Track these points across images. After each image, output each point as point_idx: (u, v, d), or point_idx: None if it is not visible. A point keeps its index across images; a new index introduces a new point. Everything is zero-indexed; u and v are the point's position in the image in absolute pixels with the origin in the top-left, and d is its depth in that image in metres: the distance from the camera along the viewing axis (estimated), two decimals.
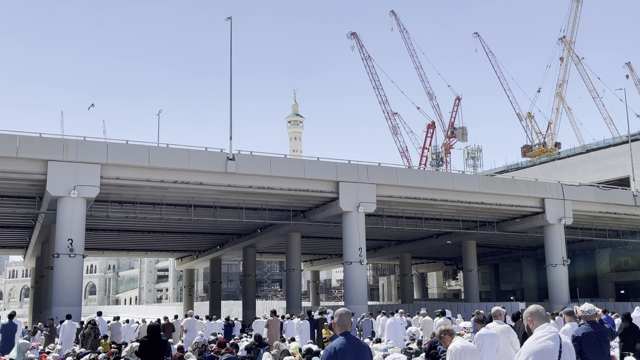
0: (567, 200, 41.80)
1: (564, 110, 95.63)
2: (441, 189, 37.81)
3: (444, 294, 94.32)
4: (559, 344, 5.96)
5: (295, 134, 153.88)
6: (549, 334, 6.03)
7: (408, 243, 60.27)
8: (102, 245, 57.76)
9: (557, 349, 5.93)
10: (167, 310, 70.34)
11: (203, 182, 31.65)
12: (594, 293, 63.02)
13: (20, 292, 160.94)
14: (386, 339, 22.28)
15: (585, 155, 66.54)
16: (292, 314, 30.95)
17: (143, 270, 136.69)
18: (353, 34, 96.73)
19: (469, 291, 55.70)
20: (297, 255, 46.68)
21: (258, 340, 17.14)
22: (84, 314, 30.03)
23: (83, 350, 17.13)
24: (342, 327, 6.56)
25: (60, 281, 28.23)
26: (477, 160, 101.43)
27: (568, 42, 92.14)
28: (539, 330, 6.10)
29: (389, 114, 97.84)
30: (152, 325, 11.77)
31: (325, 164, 35.09)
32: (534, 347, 6.00)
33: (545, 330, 6.06)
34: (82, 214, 28.90)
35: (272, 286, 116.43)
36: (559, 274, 41.72)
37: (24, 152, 27.77)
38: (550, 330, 6.07)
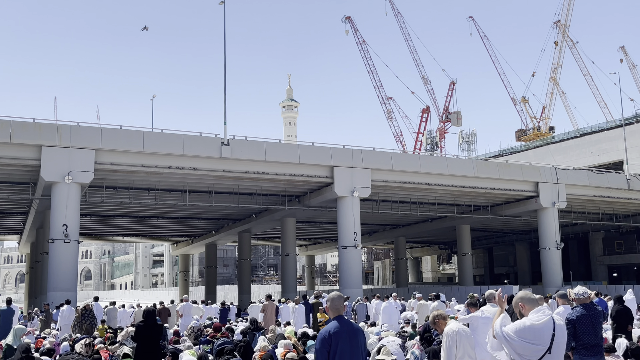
0: (561, 184, 41.95)
1: (558, 94, 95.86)
2: (436, 173, 37.89)
3: (439, 278, 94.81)
4: (553, 327, 6.03)
5: (290, 119, 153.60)
6: (544, 316, 6.09)
7: (403, 227, 60.45)
8: (97, 230, 57.75)
9: (551, 332, 6.00)
10: (163, 295, 70.48)
11: (197, 168, 31.62)
12: (587, 276, 63.48)
13: (15, 278, 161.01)
14: (381, 322, 22.43)
15: (579, 139, 66.76)
16: (287, 298, 31.10)
17: (138, 255, 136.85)
18: (347, 18, 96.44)
19: (463, 275, 56.01)
20: (292, 240, 46.77)
21: (253, 325, 17.23)
22: (80, 299, 29.99)
23: (79, 335, 17.20)
24: (335, 311, 6.62)
25: (55, 267, 28.27)
26: (472, 145, 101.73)
27: (562, 26, 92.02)
28: (534, 313, 6.16)
29: (384, 98, 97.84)
30: (148, 310, 11.84)
31: (320, 148, 35.09)
32: (527, 325, 6.06)
33: (540, 314, 6.12)
34: (76, 199, 28.86)
35: (268, 271, 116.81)
36: (553, 258, 41.98)
37: (17, 138, 27.66)
38: (545, 313, 6.13)
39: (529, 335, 6.00)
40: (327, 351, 6.31)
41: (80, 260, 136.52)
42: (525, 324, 6.10)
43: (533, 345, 5.97)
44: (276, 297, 38.28)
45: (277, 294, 47.17)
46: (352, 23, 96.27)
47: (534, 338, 5.99)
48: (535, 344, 5.97)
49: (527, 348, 5.99)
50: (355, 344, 6.39)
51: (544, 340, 5.97)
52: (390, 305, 23.92)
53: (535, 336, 5.99)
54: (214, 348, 13.65)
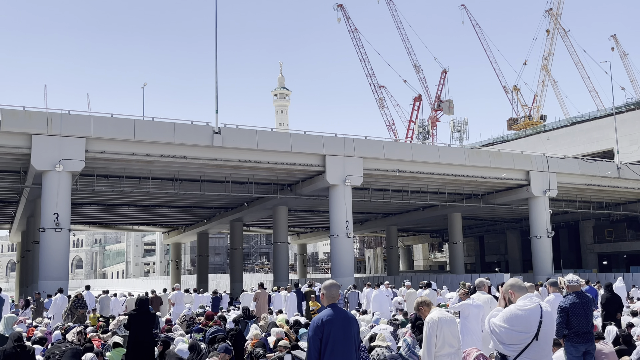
0: (552, 173, 42.11)
1: (550, 82, 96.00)
2: (427, 162, 37.94)
3: (430, 266, 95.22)
4: (540, 314, 6.04)
5: (282, 107, 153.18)
6: (531, 303, 6.10)
7: (394, 216, 60.60)
8: (88, 219, 57.59)
9: (538, 319, 6.00)
10: (155, 284, 70.61)
11: (189, 156, 31.52)
12: (578, 264, 63.92)
13: (6, 267, 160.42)
14: (372, 310, 22.51)
15: (570, 128, 66.95)
16: (279, 287, 31.16)
17: (130, 244, 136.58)
18: (339, 5, 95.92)
19: (454, 263, 56.28)
20: (284, 229, 46.81)
21: (245, 313, 17.25)
22: (71, 288, 29.99)
23: (71, 323, 17.18)
24: (329, 299, 6.63)
25: (46, 255, 28.18)
26: (463, 133, 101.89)
27: (554, 15, 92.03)
28: (522, 299, 6.17)
29: (376, 87, 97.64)
30: (141, 298, 11.81)
31: (312, 137, 35.04)
32: (514, 313, 6.06)
33: (527, 300, 6.14)
34: (67, 188, 28.74)
35: (260, 259, 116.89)
36: (543, 246, 42.21)
37: (7, 126, 27.47)
38: (533, 300, 6.14)
39: (515, 323, 6.00)
40: (319, 339, 6.32)
41: (72, 249, 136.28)
42: (511, 310, 6.11)
43: (519, 333, 5.98)
44: (268, 285, 38.32)
45: (269, 283, 47.25)
46: (344, 11, 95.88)
47: (520, 325, 5.99)
48: (521, 332, 5.97)
49: (513, 336, 5.99)
50: (348, 331, 6.40)
51: (530, 327, 5.97)
52: (380, 294, 24.00)
53: (521, 323, 6.00)
54: (206, 336, 13.67)
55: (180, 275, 75.08)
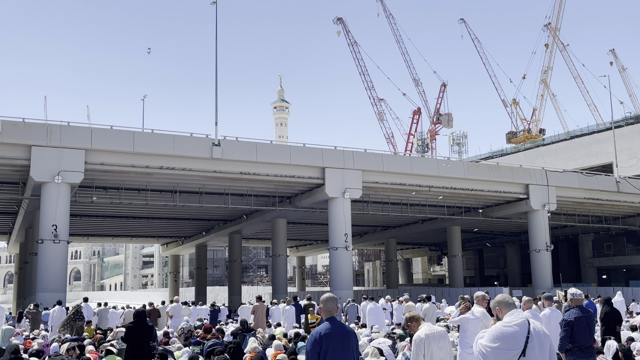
0: (551, 187, 42.13)
1: (549, 96, 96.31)
2: (426, 175, 37.96)
3: (429, 279, 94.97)
4: (527, 330, 5.90)
5: (281, 120, 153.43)
6: (517, 319, 5.96)
7: (393, 229, 60.53)
8: (86, 231, 57.47)
9: (524, 335, 5.84)
10: (153, 296, 70.29)
11: (188, 168, 31.54)
12: (577, 278, 63.75)
13: (4, 278, 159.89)
14: (368, 324, 22.43)
15: (569, 142, 67.01)
16: (278, 300, 31.06)
17: (128, 256, 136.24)
18: (339, 19, 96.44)
19: (453, 276, 56.13)
20: (283, 241, 46.71)
21: (244, 326, 17.18)
22: (69, 299, 29.96)
23: (69, 336, 17.10)
24: (327, 313, 6.61)
25: (44, 267, 28.09)
26: (462, 147, 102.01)
27: (553, 29, 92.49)
28: (508, 316, 6.05)
29: (375, 100, 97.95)
30: (138, 310, 11.78)
31: (311, 149, 35.08)
32: (500, 330, 5.93)
33: (513, 317, 6.00)
34: (66, 199, 28.71)
35: (258, 272, 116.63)
36: (543, 259, 42.14)
37: (6, 137, 27.50)
38: (519, 317, 6.01)
39: (500, 340, 5.85)
40: (317, 352, 6.29)
41: (70, 260, 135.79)
42: (497, 328, 5.97)
43: (505, 351, 5.82)
44: (267, 298, 38.22)
45: (267, 295, 47.11)
46: (343, 24, 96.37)
47: (506, 343, 5.83)
48: (507, 350, 5.82)
49: (500, 355, 5.83)
50: (346, 345, 6.37)
51: (516, 344, 5.81)
52: (376, 307, 23.95)
53: (507, 340, 5.83)
54: (204, 349, 13.60)
55: (178, 287, 74.87)
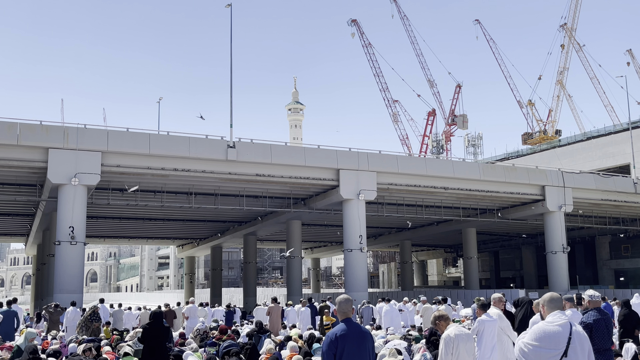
0: (568, 188, 41.80)
1: (565, 97, 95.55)
2: (442, 176, 37.82)
3: (444, 281, 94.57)
4: (569, 331, 5.93)
5: (296, 122, 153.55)
6: (559, 320, 6.00)
7: (408, 230, 60.29)
8: (103, 232, 57.86)
9: (566, 336, 5.89)
10: (168, 298, 70.67)
11: (204, 170, 31.66)
12: (594, 280, 63.20)
13: (22, 280, 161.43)
14: (383, 325, 22.41)
15: (585, 143, 66.46)
16: (293, 301, 31.08)
17: (144, 257, 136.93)
18: (353, 21, 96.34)
19: (468, 278, 55.85)
20: (298, 243, 46.74)
21: (259, 327, 17.22)
22: (86, 301, 30.16)
23: (85, 336, 17.23)
24: (343, 314, 6.62)
25: (61, 268, 28.32)
26: (478, 148, 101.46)
27: (569, 29, 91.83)
28: (551, 316, 6.08)
29: (390, 101, 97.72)
30: (155, 312, 11.84)
31: (326, 151, 35.08)
32: (542, 329, 5.96)
33: (556, 317, 6.04)
34: (83, 201, 28.93)
35: (273, 273, 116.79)
36: (559, 261, 41.81)
37: (25, 140, 27.77)
38: (562, 317, 6.04)
39: (543, 340, 5.89)
40: (333, 354, 6.30)
41: (86, 262, 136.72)
42: (540, 327, 6.01)
43: (547, 351, 5.85)
44: (282, 300, 38.24)
45: (282, 297, 47.14)
46: (358, 26, 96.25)
47: (547, 342, 5.87)
48: (549, 349, 5.85)
49: (542, 354, 5.86)
50: (362, 346, 6.37)
51: (558, 344, 5.85)
52: (392, 309, 23.91)
53: (549, 340, 5.87)
54: (219, 350, 13.65)
55: (194, 289, 75.15)
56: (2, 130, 27.44)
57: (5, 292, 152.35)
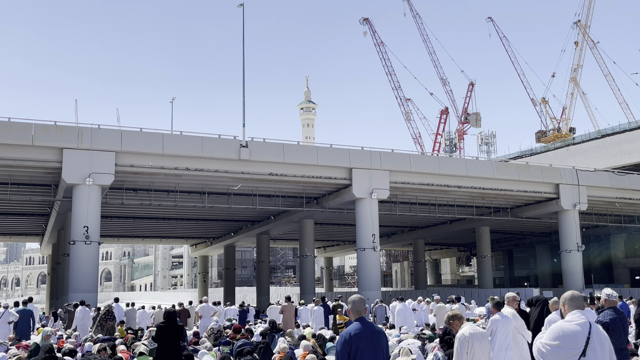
0: (582, 186, 41.52)
1: (579, 95, 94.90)
2: (455, 175, 37.70)
3: (458, 280, 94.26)
4: (588, 330, 5.87)
5: (308, 121, 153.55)
6: (578, 319, 5.94)
7: (421, 229, 60.20)
8: (117, 232, 58.21)
9: (585, 335, 5.84)
10: (182, 297, 70.92)
11: (217, 169, 31.76)
12: (609, 279, 62.70)
13: (37, 279, 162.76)
14: (397, 324, 22.38)
15: (600, 141, 65.91)
16: (305, 300, 31.11)
17: (158, 257, 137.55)
18: (365, 19, 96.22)
19: (482, 277, 55.65)
20: (311, 242, 46.77)
21: (272, 326, 17.26)
22: (100, 300, 30.41)
23: (100, 336, 17.35)
24: (356, 313, 6.61)
25: (76, 268, 28.52)
26: (491, 146, 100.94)
27: (583, 26, 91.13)
28: (570, 315, 6.03)
29: (402, 100, 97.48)
30: (169, 311, 11.88)
31: (338, 150, 35.07)
32: (561, 328, 5.90)
33: (575, 316, 5.98)
34: (97, 201, 29.11)
35: (286, 272, 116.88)
36: (574, 260, 41.55)
37: (39, 140, 27.99)
38: (581, 317, 5.99)
39: (561, 339, 5.83)
40: (347, 353, 6.29)
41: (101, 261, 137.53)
42: (558, 326, 5.96)
43: (565, 350, 5.81)
44: (295, 299, 38.27)
45: (295, 296, 47.15)
46: (370, 25, 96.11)
47: (566, 341, 5.81)
48: (568, 349, 5.80)
49: (560, 354, 5.81)
50: (376, 346, 6.36)
51: (577, 343, 5.80)
52: (405, 308, 23.85)
53: (568, 339, 5.81)
54: (233, 349, 13.70)
55: (207, 288, 75.38)
56: (17, 131, 27.68)
57: (20, 292, 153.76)
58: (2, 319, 19.66)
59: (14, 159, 27.95)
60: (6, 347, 14.37)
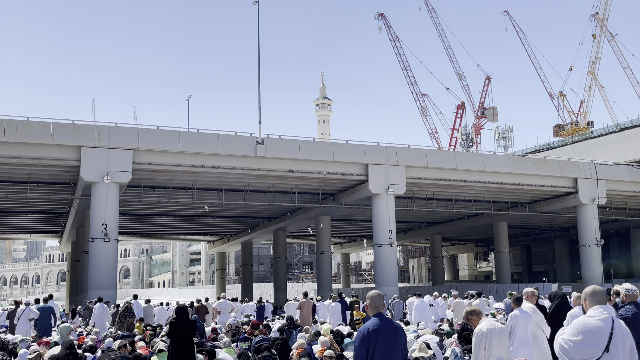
0: (601, 180, 41.12)
1: (597, 88, 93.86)
2: (472, 170, 37.50)
3: (475, 276, 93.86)
4: (611, 326, 5.81)
5: (324, 117, 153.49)
6: (600, 314, 5.87)
7: (438, 225, 59.99)
8: (135, 229, 58.64)
9: (608, 330, 5.77)
10: (200, 293, 71.32)
11: (233, 166, 31.87)
12: (629, 274, 62.06)
13: (57, 276, 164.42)
14: (414, 320, 22.35)
15: (618, 134, 65.16)
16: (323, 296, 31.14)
17: (176, 253, 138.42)
18: (380, 14, 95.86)
19: (500, 272, 55.35)
20: (327, 238, 46.80)
21: (290, 322, 17.31)
22: (119, 297, 30.63)
23: (120, 332, 17.50)
24: (374, 309, 6.61)
25: (95, 265, 28.78)
26: (508, 141, 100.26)
27: (601, 19, 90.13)
28: (592, 310, 5.97)
29: (418, 95, 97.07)
30: (179, 306, 11.87)
31: (354, 146, 35.02)
32: (584, 324, 5.84)
33: (598, 311, 5.92)
34: (115, 199, 29.33)
35: (303, 269, 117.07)
36: (593, 255, 41.18)
37: (57, 139, 28.25)
38: (603, 312, 5.92)
39: (584, 334, 5.78)
40: (366, 349, 6.30)
41: (119, 258, 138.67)
42: (580, 321, 5.90)
43: (588, 346, 5.74)
44: (312, 295, 38.34)
45: (312, 292, 47.22)
46: (385, 20, 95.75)
47: (589, 337, 5.75)
48: (591, 345, 5.74)
49: (583, 350, 5.75)
50: (395, 341, 6.36)
51: (600, 339, 5.74)
52: (422, 303, 23.80)
53: (591, 334, 5.73)
54: (251, 345, 13.75)
55: (225, 284, 75.72)
56: (36, 130, 27.96)
57: (41, 289, 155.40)
58: (23, 316, 19.93)
59: (33, 157, 28.26)
60: (28, 343, 14.55)
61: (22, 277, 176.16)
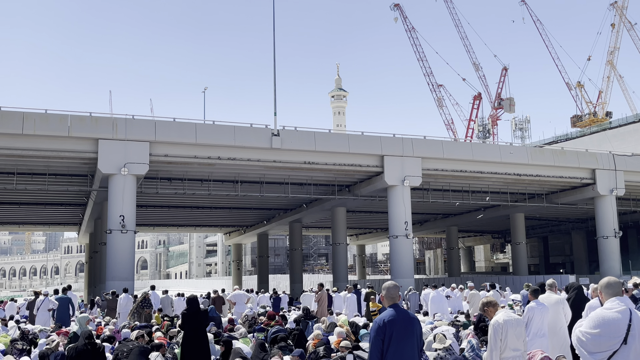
0: (619, 171, 40.71)
1: (615, 78, 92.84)
2: (488, 161, 37.29)
3: (492, 267, 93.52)
4: (629, 318, 5.71)
5: (339, 109, 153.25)
6: (618, 306, 5.81)
7: (455, 216, 59.78)
8: (152, 221, 59.04)
9: (626, 322, 5.68)
10: (217, 284, 71.77)
11: (249, 158, 31.95)
12: None
13: (75, 267, 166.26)
14: (430, 311, 22.34)
15: (637, 124, 64.54)
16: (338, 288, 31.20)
17: (192, 245, 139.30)
18: (396, 5, 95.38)
19: (517, 264, 55.09)
20: (343, 230, 46.81)
21: (306, 313, 17.38)
22: (137, 288, 30.86)
23: (138, 322, 17.67)
24: (390, 300, 6.62)
25: (113, 256, 29.04)
26: (525, 132, 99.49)
27: (620, 8, 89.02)
28: (609, 302, 5.91)
29: (434, 86, 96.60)
30: (190, 297, 11.88)
31: (370, 138, 34.94)
32: (601, 316, 5.79)
33: (615, 303, 5.86)
34: (132, 190, 29.54)
35: (319, 260, 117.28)
36: (611, 246, 40.83)
37: (75, 131, 28.48)
38: (620, 304, 5.84)
39: (602, 327, 5.70)
40: (381, 339, 6.31)
41: (137, 250, 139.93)
42: (597, 314, 5.84)
43: (606, 339, 5.66)
44: (328, 286, 38.44)
45: (328, 283, 47.36)
46: (401, 10, 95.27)
47: (607, 329, 5.68)
48: (609, 337, 5.66)
49: (601, 342, 5.67)
50: (410, 332, 6.36)
51: (618, 331, 5.66)
52: (438, 295, 23.78)
53: (608, 327, 5.68)
54: (268, 335, 13.84)
55: (241, 275, 76.12)
56: (54, 123, 28.20)
57: (60, 280, 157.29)
58: (42, 307, 20.18)
59: (51, 149, 28.51)
60: (47, 333, 14.74)
61: (41, 268, 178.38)
